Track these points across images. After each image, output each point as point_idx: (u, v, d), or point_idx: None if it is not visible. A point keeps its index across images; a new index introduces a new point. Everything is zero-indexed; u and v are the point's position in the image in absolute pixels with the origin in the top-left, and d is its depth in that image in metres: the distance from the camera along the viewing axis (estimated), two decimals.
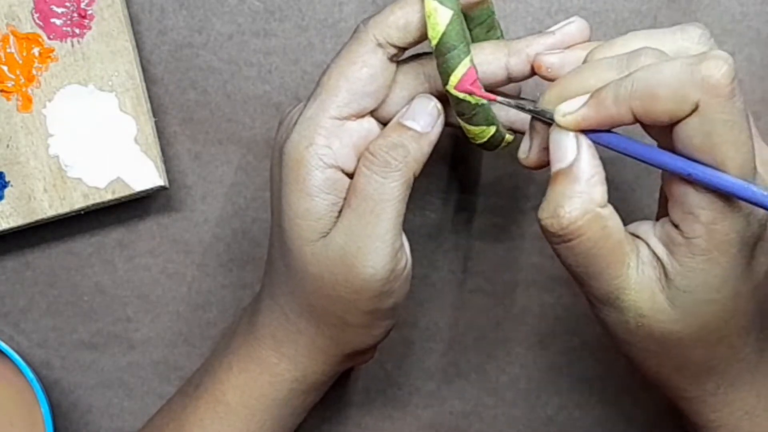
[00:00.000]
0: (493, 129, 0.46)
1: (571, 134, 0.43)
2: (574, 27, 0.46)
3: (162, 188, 0.54)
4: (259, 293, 0.51)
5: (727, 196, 0.41)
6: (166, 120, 0.55)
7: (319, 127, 0.45)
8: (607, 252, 0.43)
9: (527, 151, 0.45)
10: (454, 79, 0.44)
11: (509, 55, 0.46)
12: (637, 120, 0.41)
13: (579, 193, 0.42)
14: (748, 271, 0.43)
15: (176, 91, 0.55)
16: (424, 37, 0.45)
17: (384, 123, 0.47)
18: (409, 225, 0.51)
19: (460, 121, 0.46)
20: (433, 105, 0.46)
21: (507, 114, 0.48)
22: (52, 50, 0.53)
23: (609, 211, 0.43)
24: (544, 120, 0.44)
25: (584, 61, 0.44)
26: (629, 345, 0.45)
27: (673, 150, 0.41)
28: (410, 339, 0.56)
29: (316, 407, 0.52)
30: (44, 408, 0.52)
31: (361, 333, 0.48)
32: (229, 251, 0.56)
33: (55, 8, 0.53)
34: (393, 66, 0.46)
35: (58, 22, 0.53)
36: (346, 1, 0.55)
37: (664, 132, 0.42)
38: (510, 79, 0.47)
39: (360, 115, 0.46)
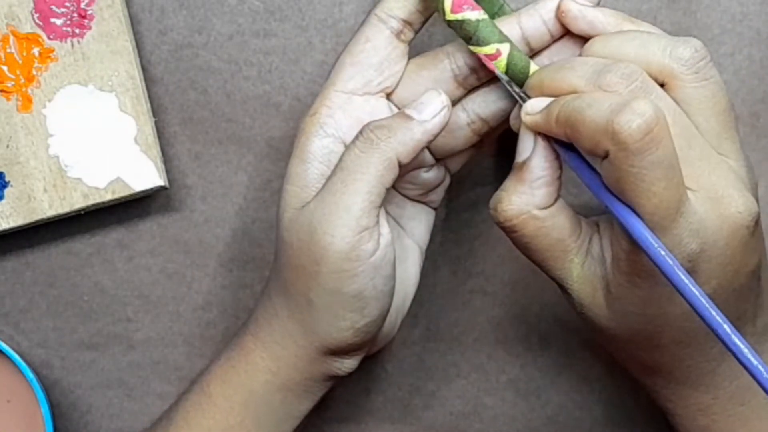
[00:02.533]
0: (507, 45, 0.45)
1: (532, 134, 0.44)
2: None
3: (162, 188, 0.54)
4: None
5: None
6: (166, 120, 0.55)
7: (326, 98, 0.47)
8: (545, 249, 0.45)
9: (515, 117, 0.47)
10: (447, 4, 0.45)
11: (520, 17, 0.47)
12: None
13: (520, 193, 0.44)
14: (671, 299, 0.43)
15: (176, 91, 0.55)
16: (424, 7, 0.46)
17: None
18: None
19: (474, 50, 0.45)
20: (440, 99, 0.46)
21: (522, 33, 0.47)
22: (52, 50, 0.53)
23: (549, 213, 0.44)
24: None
25: (582, 51, 0.45)
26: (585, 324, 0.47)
27: None
28: (410, 339, 0.56)
29: (316, 407, 0.52)
30: (44, 408, 0.52)
31: (326, 321, 0.46)
32: (229, 251, 0.56)
33: (55, 8, 0.53)
34: (400, 43, 0.47)
35: (58, 22, 0.53)
36: (346, 1, 0.55)
37: None
38: (530, 47, 0.47)
39: (368, 91, 0.47)
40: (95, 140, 0.53)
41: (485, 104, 0.48)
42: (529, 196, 0.44)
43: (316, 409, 0.52)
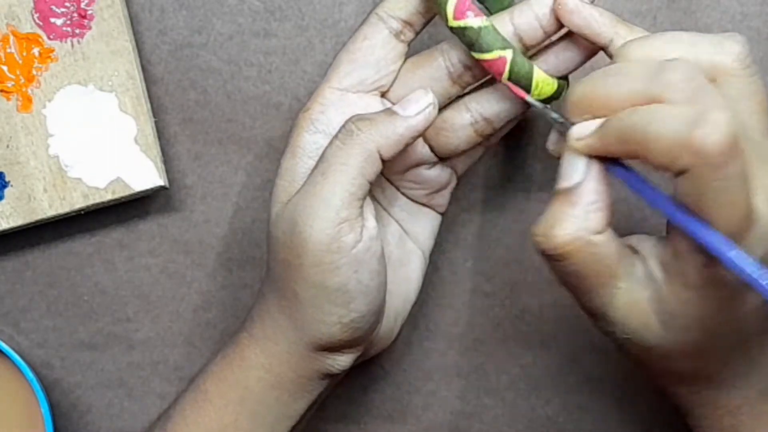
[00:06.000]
0: (510, 51, 0.45)
1: (584, 157, 0.42)
2: None
3: (162, 188, 0.54)
4: None
5: None
6: (166, 120, 0.55)
7: (319, 95, 0.48)
8: (595, 275, 0.43)
9: (556, 143, 0.45)
10: (449, 11, 0.45)
11: (513, 13, 0.46)
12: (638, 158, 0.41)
13: (574, 217, 0.42)
14: (741, 302, 0.43)
15: (176, 91, 0.55)
16: (425, 8, 0.46)
17: None
18: None
19: (477, 57, 0.45)
20: (426, 98, 0.46)
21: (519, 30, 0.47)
22: (52, 50, 0.53)
23: (603, 238, 0.43)
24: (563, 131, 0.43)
25: (614, 56, 0.44)
26: (619, 349, 0.46)
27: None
28: (410, 339, 0.56)
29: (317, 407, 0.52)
30: (44, 408, 0.52)
31: (312, 316, 0.46)
32: (229, 251, 0.56)
33: (55, 8, 0.53)
34: (398, 44, 0.47)
35: (58, 22, 0.53)
36: (346, 1, 0.55)
37: None
38: (523, 43, 0.46)
39: (361, 89, 0.48)
40: (95, 140, 0.53)
41: (489, 104, 0.48)
42: (583, 221, 0.42)
43: (316, 409, 0.52)
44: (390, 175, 0.51)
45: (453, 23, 0.45)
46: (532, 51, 0.47)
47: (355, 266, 0.45)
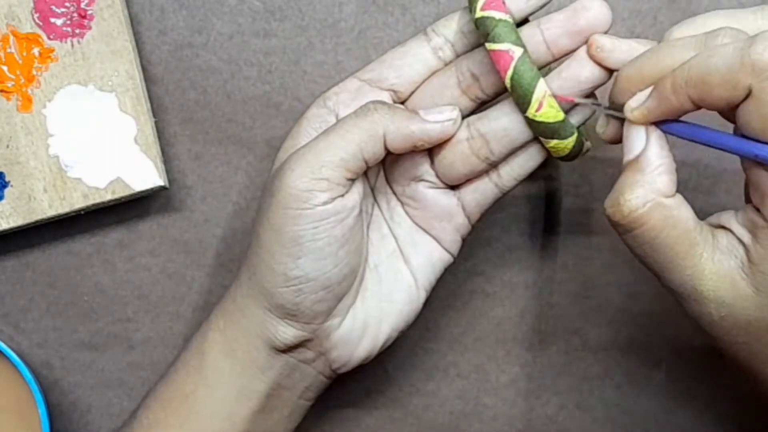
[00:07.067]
0: (521, 50, 0.45)
1: (642, 127, 0.44)
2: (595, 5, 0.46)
3: (162, 188, 0.54)
4: None
5: None
6: (166, 120, 0.55)
7: (342, 82, 0.50)
8: (673, 242, 0.43)
9: (605, 125, 0.46)
10: (479, 3, 0.46)
11: (540, 21, 0.46)
12: (698, 107, 0.41)
13: (642, 182, 0.43)
14: None
15: (176, 91, 0.55)
16: (469, 30, 0.47)
17: None
18: None
19: (489, 47, 0.46)
20: (451, 112, 0.47)
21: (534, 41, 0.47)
22: (52, 50, 0.53)
23: (675, 201, 0.43)
24: (619, 116, 0.44)
25: (661, 41, 0.44)
26: (717, 339, 0.44)
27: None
28: (410, 339, 0.56)
29: (317, 407, 0.52)
30: (41, 408, 0.52)
31: (264, 261, 0.47)
32: (229, 251, 0.56)
33: (55, 8, 0.53)
34: (433, 58, 0.49)
35: (58, 22, 0.53)
36: (346, 1, 0.55)
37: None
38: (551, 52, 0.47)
39: (378, 85, 0.49)
40: (95, 140, 0.53)
41: (486, 119, 0.48)
42: (652, 184, 0.43)
43: (316, 409, 0.52)
44: (392, 183, 0.51)
45: (479, 13, 0.46)
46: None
47: (316, 222, 0.46)
